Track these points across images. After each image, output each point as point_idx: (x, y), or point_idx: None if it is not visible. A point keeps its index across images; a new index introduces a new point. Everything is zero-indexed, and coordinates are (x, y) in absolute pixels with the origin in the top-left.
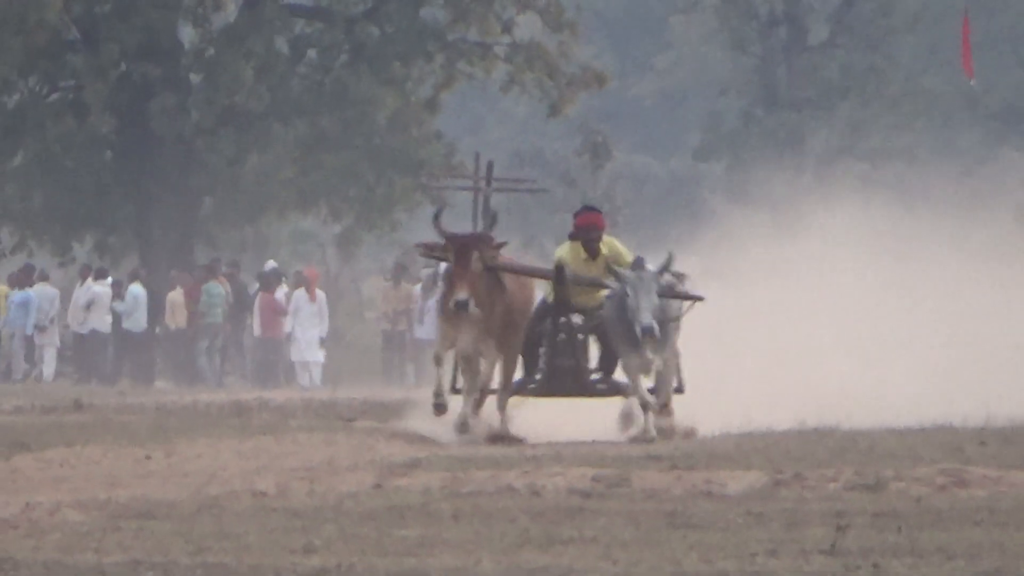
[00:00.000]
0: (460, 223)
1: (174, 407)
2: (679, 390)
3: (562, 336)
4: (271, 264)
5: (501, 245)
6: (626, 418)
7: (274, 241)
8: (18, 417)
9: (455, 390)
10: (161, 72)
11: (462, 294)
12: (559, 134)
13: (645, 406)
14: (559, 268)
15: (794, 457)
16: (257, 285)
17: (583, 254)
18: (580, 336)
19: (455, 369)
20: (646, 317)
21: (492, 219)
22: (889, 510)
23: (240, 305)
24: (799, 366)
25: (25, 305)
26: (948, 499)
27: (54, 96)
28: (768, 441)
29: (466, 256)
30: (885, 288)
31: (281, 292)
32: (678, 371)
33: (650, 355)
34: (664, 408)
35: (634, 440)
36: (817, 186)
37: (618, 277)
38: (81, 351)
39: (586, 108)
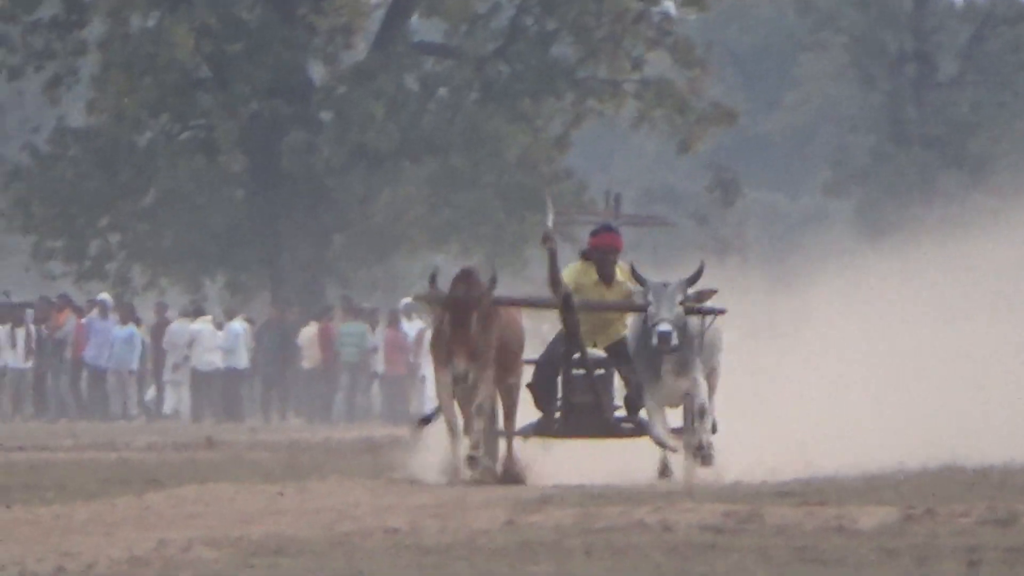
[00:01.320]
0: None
1: (306, 444)
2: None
3: (579, 371)
4: (406, 301)
5: (493, 284)
6: (664, 470)
7: (405, 279)
8: (149, 454)
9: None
10: (291, 110)
11: (461, 366)
12: (689, 171)
13: (668, 449)
14: (566, 296)
15: (925, 492)
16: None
17: (595, 277)
18: (600, 370)
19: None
20: (664, 325)
21: (492, 280)
22: (1022, 544)
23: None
24: (927, 400)
25: (130, 341)
26: None
27: (185, 135)
28: (898, 477)
29: (465, 319)
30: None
31: (414, 329)
32: (711, 402)
33: (672, 379)
34: (699, 450)
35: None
36: (946, 222)
37: (641, 282)
38: (195, 388)
39: (715, 144)
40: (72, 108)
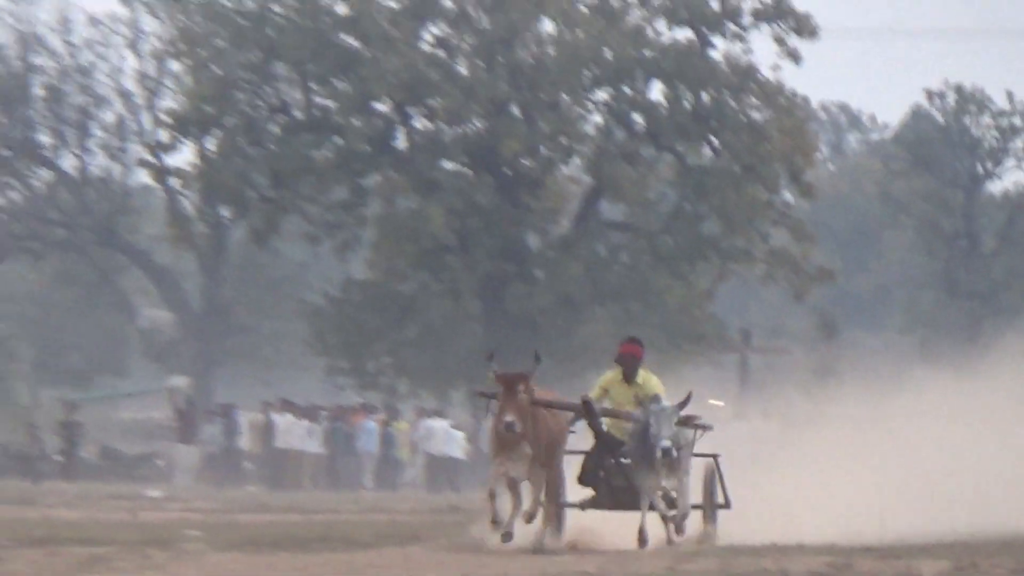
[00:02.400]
0: (727, 380)
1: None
2: (726, 506)
3: (612, 461)
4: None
5: (537, 361)
6: (641, 535)
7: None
8: (411, 516)
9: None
10: (514, 269)
11: (509, 417)
12: (800, 314)
13: (665, 519)
14: (586, 403)
15: (971, 550)
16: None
17: (621, 377)
18: (627, 460)
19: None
20: (664, 442)
21: (536, 359)
22: None
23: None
24: (971, 481)
25: (371, 432)
26: None
27: (437, 286)
28: (950, 538)
29: (512, 389)
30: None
31: None
32: (723, 488)
33: (663, 477)
34: (680, 525)
35: (658, 552)
36: (987, 354)
37: (644, 408)
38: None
39: (820, 296)
40: (356, 265)
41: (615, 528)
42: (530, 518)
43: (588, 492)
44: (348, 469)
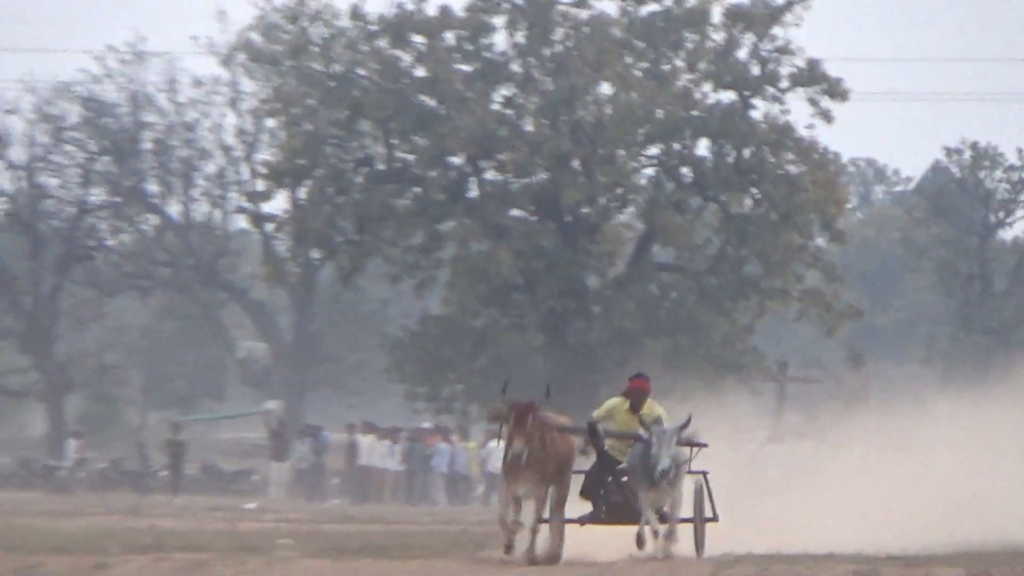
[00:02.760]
0: (765, 406)
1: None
2: (713, 519)
3: (612, 480)
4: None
5: (547, 395)
6: (640, 539)
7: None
8: (480, 527)
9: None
10: (575, 306)
11: (519, 446)
12: (831, 347)
13: (656, 533)
14: (591, 425)
15: (984, 558)
16: None
17: (627, 407)
18: (625, 479)
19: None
20: (665, 462)
21: (547, 391)
22: None
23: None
24: (985, 496)
25: (444, 452)
26: None
27: (505, 321)
28: (964, 548)
29: (522, 418)
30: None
31: None
32: (711, 502)
33: (663, 493)
34: (671, 535)
35: (649, 559)
36: (999, 383)
37: (647, 428)
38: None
39: (849, 331)
40: (432, 302)
41: (605, 539)
42: (533, 534)
43: (588, 507)
44: (423, 485)
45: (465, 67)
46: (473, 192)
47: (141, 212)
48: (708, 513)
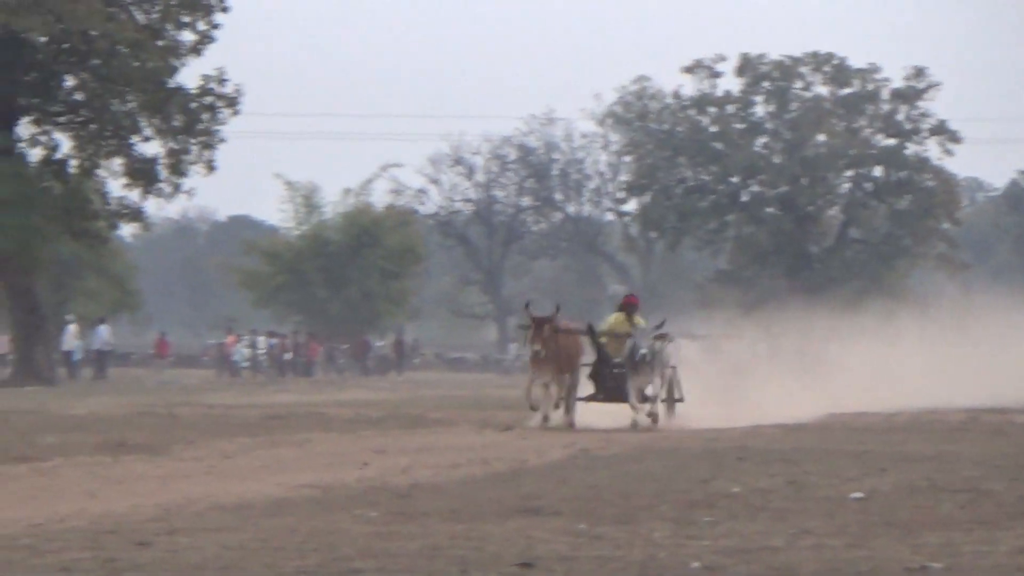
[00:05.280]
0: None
1: None
2: (680, 399)
3: (608, 370)
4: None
5: (557, 310)
6: (634, 423)
7: None
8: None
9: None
10: (803, 264)
11: (536, 346)
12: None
13: (636, 408)
14: (589, 326)
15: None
16: None
17: (623, 318)
18: (617, 370)
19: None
20: (642, 350)
21: (557, 308)
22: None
23: None
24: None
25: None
26: None
27: (763, 272)
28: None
29: (540, 326)
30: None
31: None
32: (679, 387)
33: (645, 378)
34: (652, 411)
35: (631, 427)
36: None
37: (633, 326)
38: None
39: (961, 278)
40: (720, 262)
41: (602, 412)
42: (557, 406)
43: (590, 389)
44: None
45: (739, 125)
46: (744, 198)
47: (551, 211)
48: (677, 396)
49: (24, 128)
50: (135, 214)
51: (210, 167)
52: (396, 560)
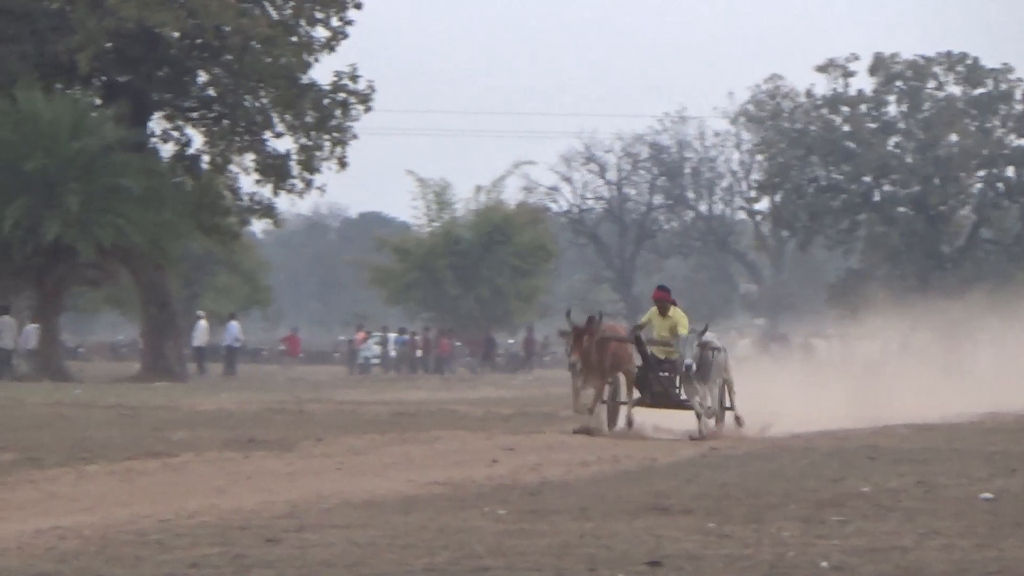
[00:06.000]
0: None
1: None
2: (731, 408)
3: (654, 375)
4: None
5: (600, 317)
6: (691, 435)
7: None
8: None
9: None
10: (934, 263)
11: (574, 358)
12: None
13: (698, 416)
14: (636, 336)
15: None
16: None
17: (657, 312)
18: (664, 374)
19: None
20: (688, 360)
21: (600, 316)
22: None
23: None
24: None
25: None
26: None
27: (895, 271)
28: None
29: (579, 336)
30: None
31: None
32: (732, 397)
33: (697, 385)
34: (712, 417)
35: (692, 439)
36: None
37: (676, 336)
38: None
39: None
40: (851, 261)
41: (656, 419)
42: (589, 412)
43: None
44: None
45: (871, 124)
46: (876, 198)
47: (683, 209)
48: (727, 405)
49: (156, 123)
50: (267, 210)
51: (342, 163)
52: (525, 558)
